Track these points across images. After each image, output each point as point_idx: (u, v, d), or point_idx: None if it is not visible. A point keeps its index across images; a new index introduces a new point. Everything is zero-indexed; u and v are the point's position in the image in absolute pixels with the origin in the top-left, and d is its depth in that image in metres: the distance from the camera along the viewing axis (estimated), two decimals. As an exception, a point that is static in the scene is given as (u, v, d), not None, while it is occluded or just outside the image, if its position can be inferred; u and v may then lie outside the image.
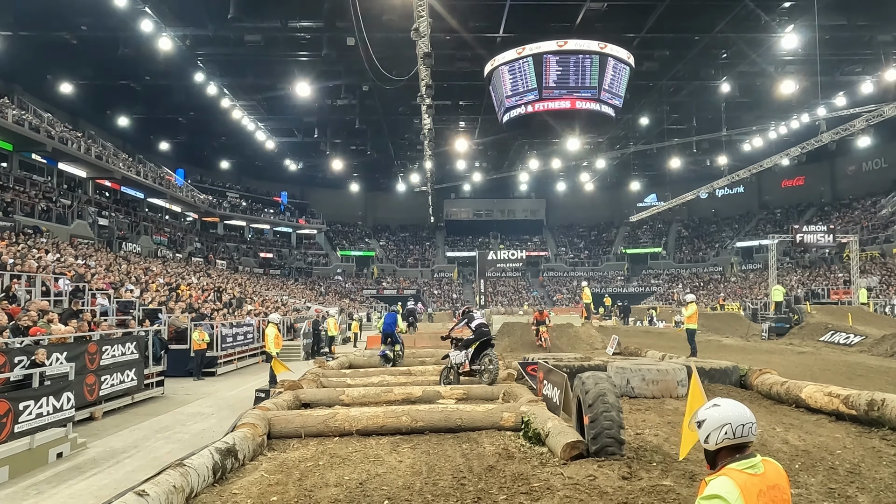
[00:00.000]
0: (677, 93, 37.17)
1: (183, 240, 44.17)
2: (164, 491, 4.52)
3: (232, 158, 54.35)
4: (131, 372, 11.97)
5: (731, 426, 2.39)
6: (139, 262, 29.24)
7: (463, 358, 10.07)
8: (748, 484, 2.20)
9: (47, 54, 30.95)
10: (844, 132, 29.01)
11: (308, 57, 31.67)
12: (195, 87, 32.82)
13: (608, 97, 26.87)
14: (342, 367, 12.91)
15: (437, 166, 40.54)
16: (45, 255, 19.60)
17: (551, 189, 64.01)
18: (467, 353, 10.00)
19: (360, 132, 41.72)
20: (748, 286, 47.69)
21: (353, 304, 49.44)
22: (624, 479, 5.12)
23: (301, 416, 7.53)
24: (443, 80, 30.11)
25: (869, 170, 50.66)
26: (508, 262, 35.92)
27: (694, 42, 29.73)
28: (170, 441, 9.10)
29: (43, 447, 7.77)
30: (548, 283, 61.52)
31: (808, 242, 30.07)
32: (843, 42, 29.90)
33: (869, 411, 7.09)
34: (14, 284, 14.02)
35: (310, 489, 5.21)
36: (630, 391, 9.57)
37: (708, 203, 61.33)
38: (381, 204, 68.00)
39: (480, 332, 10.06)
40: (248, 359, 20.54)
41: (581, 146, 42.04)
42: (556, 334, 18.67)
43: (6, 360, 8.54)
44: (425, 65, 19.87)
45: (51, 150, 30.19)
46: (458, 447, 6.58)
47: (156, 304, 18.64)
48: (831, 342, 17.99)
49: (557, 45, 25.87)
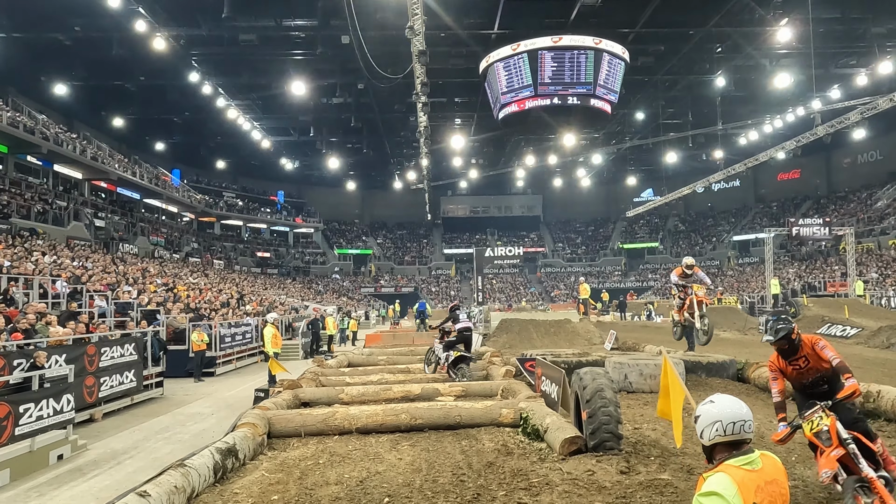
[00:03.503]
0: (672, 87, 37.21)
1: (180, 240, 44.08)
2: (165, 491, 4.55)
3: (228, 158, 54.20)
4: (130, 373, 11.98)
5: (723, 423, 2.41)
6: (136, 262, 29.21)
7: (443, 357, 10.72)
8: (745, 480, 2.21)
9: (41, 55, 30.82)
10: (839, 125, 29.06)
11: (303, 55, 31.60)
12: (190, 86, 32.75)
13: (604, 93, 26.88)
14: (341, 366, 12.93)
15: (433, 163, 40.49)
16: (42, 257, 19.58)
17: (548, 185, 63.98)
18: (448, 356, 10.56)
19: (356, 130, 41.66)
20: (745, 280, 47.80)
21: (351, 302, 49.42)
22: (622, 473, 5.16)
23: (301, 415, 7.56)
24: (438, 78, 30.08)
25: (864, 162, 50.74)
26: (506, 258, 35.94)
27: (689, 36, 29.75)
28: (170, 442, 9.12)
29: (43, 449, 7.79)
30: (545, 279, 61.60)
31: (804, 235, 30.18)
32: (838, 35, 29.93)
33: (865, 403, 7.16)
34: (11, 287, 14.02)
35: (310, 488, 5.24)
36: (628, 386, 9.64)
37: (704, 197, 61.35)
38: (377, 202, 67.91)
39: (462, 335, 10.64)
40: (246, 359, 20.56)
41: (577, 142, 42.03)
42: (553, 330, 18.74)
43: (5, 363, 8.54)
44: (420, 62, 19.89)
45: (46, 151, 30.05)
46: (458, 444, 6.62)
47: (153, 304, 18.63)
48: (828, 335, 18.07)
49: (552, 41, 25.86)
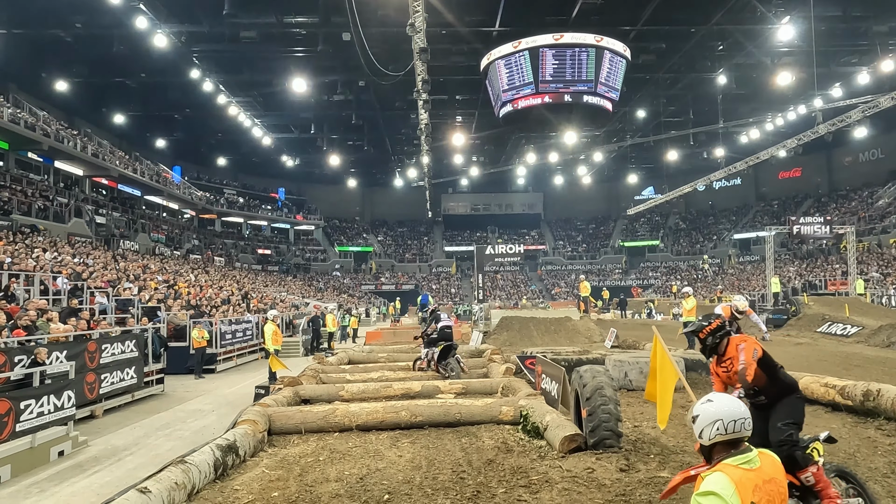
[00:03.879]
0: (674, 85, 37.12)
1: (181, 237, 44.08)
2: (165, 488, 4.56)
3: (229, 155, 54.17)
4: (131, 370, 12.00)
5: (724, 422, 2.42)
6: (137, 259, 29.22)
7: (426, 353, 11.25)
8: (743, 479, 2.21)
9: (42, 52, 30.83)
10: (841, 123, 29.03)
11: (304, 53, 31.53)
12: (191, 83, 32.69)
13: (605, 90, 26.85)
14: (341, 363, 12.94)
15: (434, 161, 40.48)
16: (43, 253, 19.59)
17: (549, 183, 63.93)
18: (433, 352, 10.98)
19: (357, 128, 41.63)
20: (745, 278, 47.77)
21: (352, 299, 49.44)
22: (622, 471, 5.17)
23: (301, 412, 7.57)
24: (439, 75, 30.03)
25: (865, 160, 50.68)
26: (506, 256, 35.87)
27: (690, 34, 29.67)
28: (170, 438, 9.13)
29: (44, 445, 7.80)
30: (546, 277, 61.58)
31: (805, 234, 30.12)
32: (839, 33, 29.86)
33: (865, 401, 7.15)
34: (12, 283, 14.02)
35: (311, 484, 5.26)
36: (628, 384, 9.65)
37: (705, 195, 61.32)
38: (378, 199, 67.90)
39: (443, 333, 11.05)
40: (247, 356, 20.59)
41: (578, 140, 42.00)
42: (554, 328, 18.74)
43: (6, 360, 8.56)
44: (421, 60, 19.87)
45: (47, 148, 30.07)
46: (458, 441, 6.63)
47: (154, 301, 18.65)
48: (828, 333, 18.05)
49: (553, 38, 25.82)
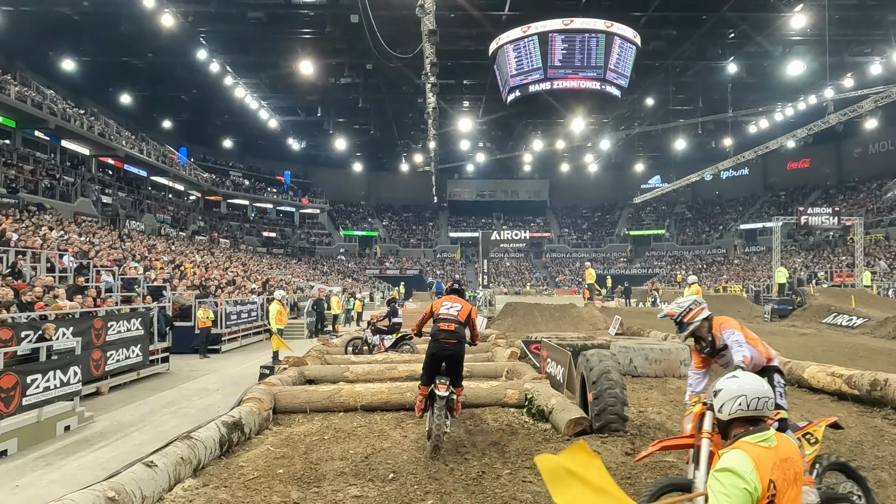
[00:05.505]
0: (683, 73, 36.73)
1: (186, 218, 44.16)
2: (171, 462, 4.58)
3: (235, 137, 54.08)
4: (137, 348, 12.06)
5: (747, 398, 2.40)
6: (143, 239, 29.29)
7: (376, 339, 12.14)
8: (762, 457, 2.19)
9: (49, 30, 30.60)
10: (852, 114, 28.69)
11: (311, 35, 31.29)
12: (198, 64, 32.50)
13: (614, 77, 26.56)
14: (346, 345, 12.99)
15: (440, 146, 40.23)
16: (50, 231, 19.64)
17: (555, 170, 63.59)
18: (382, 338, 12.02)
19: (364, 111, 41.45)
20: (751, 268, 47.65)
21: (356, 283, 49.53)
22: (627, 454, 5.17)
23: (306, 391, 7.59)
24: (447, 59, 29.73)
25: (875, 152, 50.25)
26: (511, 242, 35.72)
27: (701, 21, 29.32)
28: (176, 416, 9.18)
29: (51, 420, 7.85)
30: (550, 264, 61.55)
31: (812, 225, 29.90)
32: (852, 22, 29.42)
33: (871, 391, 7.13)
34: (20, 261, 14.07)
35: (315, 462, 5.27)
36: (633, 370, 9.65)
37: (712, 185, 60.92)
38: (384, 184, 67.76)
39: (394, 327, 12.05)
40: (252, 336, 20.68)
41: (585, 127, 41.69)
42: (558, 314, 18.74)
43: (13, 335, 8.59)
44: (430, 42, 19.65)
45: (53, 127, 30.05)
46: (462, 423, 6.64)
47: (160, 281, 18.71)
48: (834, 324, 17.99)
49: (563, 23, 25.51)
